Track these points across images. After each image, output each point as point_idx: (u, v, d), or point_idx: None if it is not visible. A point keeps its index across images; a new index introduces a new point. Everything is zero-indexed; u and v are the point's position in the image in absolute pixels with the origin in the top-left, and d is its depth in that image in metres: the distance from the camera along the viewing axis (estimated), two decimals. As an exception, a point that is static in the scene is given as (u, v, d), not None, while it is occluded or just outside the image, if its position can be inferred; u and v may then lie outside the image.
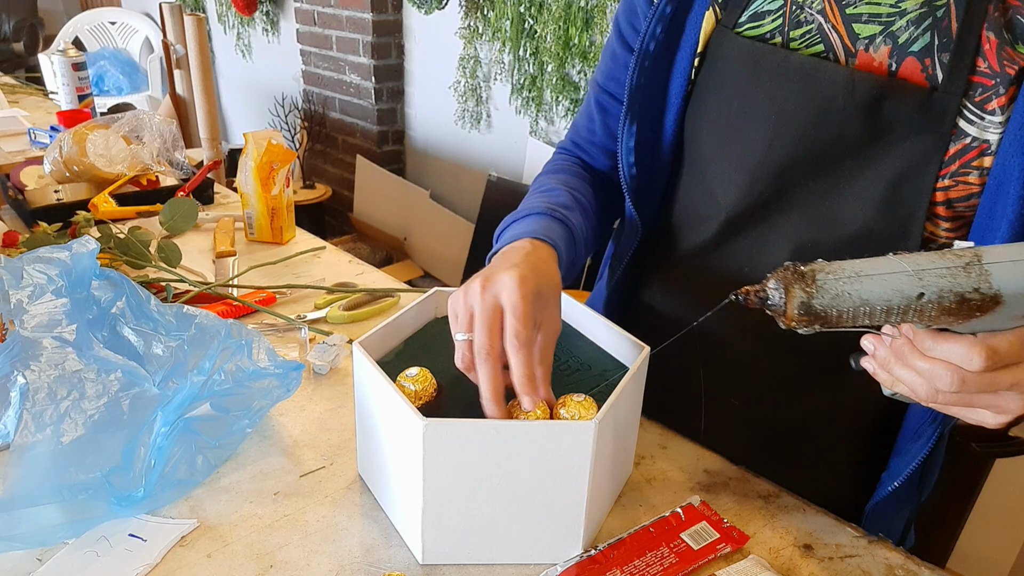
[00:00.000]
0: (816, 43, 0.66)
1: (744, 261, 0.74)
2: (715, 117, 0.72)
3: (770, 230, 0.72)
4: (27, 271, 0.71)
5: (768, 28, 0.69)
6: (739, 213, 0.73)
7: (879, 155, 0.64)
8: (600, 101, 0.85)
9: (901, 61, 0.63)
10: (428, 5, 2.69)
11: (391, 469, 0.64)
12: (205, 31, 2.06)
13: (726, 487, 0.73)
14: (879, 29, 0.64)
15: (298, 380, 0.75)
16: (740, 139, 0.70)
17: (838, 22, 0.65)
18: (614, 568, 0.61)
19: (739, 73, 0.69)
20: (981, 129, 0.60)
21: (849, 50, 0.65)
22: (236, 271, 1.13)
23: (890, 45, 0.63)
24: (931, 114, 0.61)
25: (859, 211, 0.66)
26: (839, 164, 0.66)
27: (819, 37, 0.66)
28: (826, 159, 0.66)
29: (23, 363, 0.66)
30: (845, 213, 0.67)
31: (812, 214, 0.68)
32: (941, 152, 0.62)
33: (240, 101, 4.10)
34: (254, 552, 0.63)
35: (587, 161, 0.90)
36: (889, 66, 0.63)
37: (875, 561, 0.65)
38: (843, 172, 0.66)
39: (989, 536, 1.58)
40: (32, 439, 0.62)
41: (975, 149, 0.61)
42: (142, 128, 1.42)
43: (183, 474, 0.68)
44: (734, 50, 0.69)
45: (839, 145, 0.65)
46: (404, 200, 2.98)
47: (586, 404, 0.61)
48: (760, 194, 0.70)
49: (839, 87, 0.63)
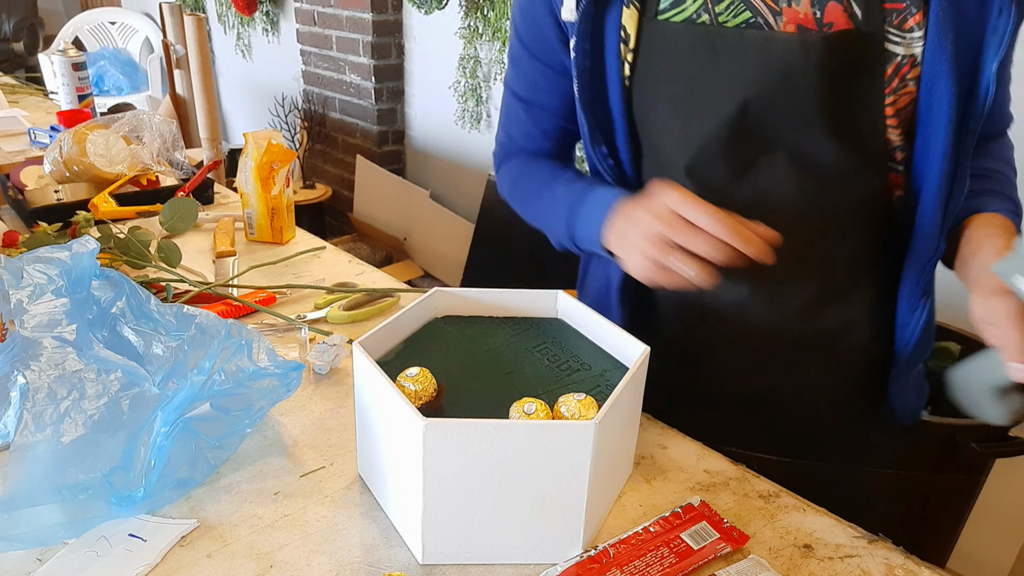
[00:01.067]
0: (742, 11, 0.70)
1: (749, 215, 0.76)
2: (675, 103, 0.75)
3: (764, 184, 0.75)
4: (27, 271, 0.71)
5: (692, 9, 0.71)
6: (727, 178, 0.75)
7: (837, 95, 0.70)
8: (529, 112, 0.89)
9: (824, 7, 0.68)
10: (428, 5, 2.69)
11: (391, 469, 0.64)
12: (205, 31, 2.06)
13: (726, 487, 0.73)
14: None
15: (298, 380, 0.75)
16: (707, 116, 0.73)
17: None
18: (614, 568, 0.61)
19: (688, 57, 0.72)
20: (907, 46, 0.68)
21: (774, 9, 0.69)
22: (236, 271, 1.13)
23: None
24: (865, 49, 0.69)
25: (835, 143, 0.72)
26: (807, 113, 0.71)
27: (743, 5, 0.70)
28: (797, 114, 0.71)
29: (23, 363, 0.66)
30: (824, 149, 0.73)
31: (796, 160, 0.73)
32: (880, 75, 0.69)
33: (240, 101, 4.10)
34: (254, 552, 0.63)
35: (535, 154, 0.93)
36: (814, 14, 0.68)
37: (875, 561, 0.65)
38: (811, 119, 0.71)
39: (989, 536, 1.58)
40: (32, 439, 0.62)
41: (906, 64, 0.69)
42: (142, 128, 1.42)
43: (183, 474, 0.68)
44: (677, 37, 0.72)
45: (805, 98, 0.70)
46: (404, 200, 2.98)
47: (586, 404, 0.61)
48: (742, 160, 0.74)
49: (794, 54, 0.68)
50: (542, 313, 0.80)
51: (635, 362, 0.66)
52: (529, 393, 0.65)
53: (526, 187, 0.89)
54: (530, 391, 0.67)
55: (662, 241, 0.66)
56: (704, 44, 0.71)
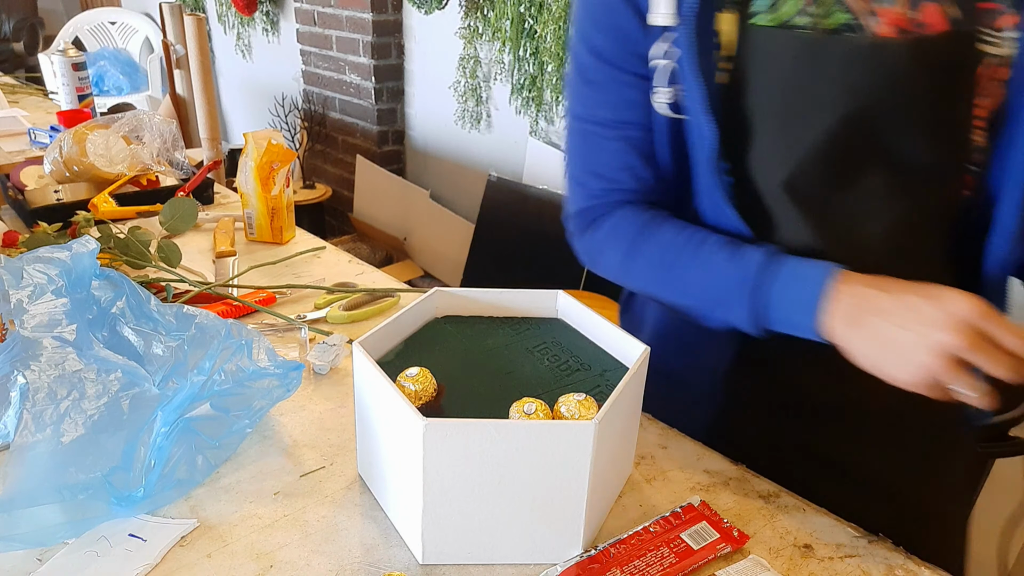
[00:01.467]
0: (838, 12, 0.68)
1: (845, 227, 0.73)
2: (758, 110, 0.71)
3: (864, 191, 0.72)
4: (27, 271, 0.71)
5: (789, 12, 0.68)
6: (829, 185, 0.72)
7: (936, 97, 0.69)
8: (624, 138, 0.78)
9: (918, 7, 0.67)
10: (428, 5, 2.69)
11: (391, 469, 0.64)
12: (205, 31, 2.06)
13: (726, 487, 0.73)
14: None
15: (298, 380, 0.75)
16: (801, 126, 0.70)
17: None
18: (614, 568, 0.61)
19: (786, 65, 0.69)
20: (999, 47, 0.68)
21: (869, 10, 0.67)
22: (236, 271, 1.13)
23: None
24: (960, 49, 0.68)
25: (929, 145, 0.71)
26: (908, 116, 0.70)
27: (839, 6, 0.68)
28: (898, 116, 0.70)
29: (23, 363, 0.66)
30: (918, 151, 0.71)
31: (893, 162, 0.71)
32: (972, 75, 0.69)
33: (240, 101, 4.10)
34: (254, 552, 0.63)
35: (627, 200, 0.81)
36: (909, 15, 0.67)
37: (875, 561, 0.65)
38: (911, 120, 0.70)
39: (989, 536, 1.58)
40: (32, 439, 0.62)
41: (997, 64, 0.68)
42: (142, 128, 1.42)
43: (183, 474, 0.68)
44: (774, 43, 0.69)
45: (907, 102, 0.69)
46: (404, 200, 2.99)
47: (586, 404, 0.61)
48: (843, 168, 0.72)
49: (901, 58, 0.67)
50: (542, 313, 0.80)
51: (635, 362, 0.66)
52: (529, 393, 0.65)
53: (653, 255, 0.77)
54: (530, 391, 0.67)
55: (953, 360, 0.58)
56: (805, 51, 0.68)
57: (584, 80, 0.78)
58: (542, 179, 2.51)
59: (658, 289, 0.77)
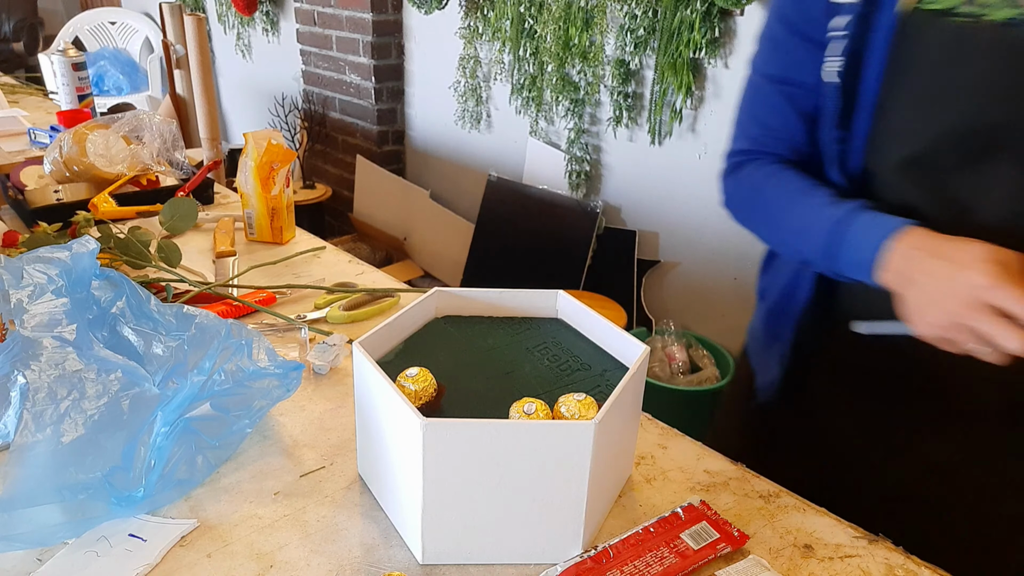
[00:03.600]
0: (1005, 5, 0.66)
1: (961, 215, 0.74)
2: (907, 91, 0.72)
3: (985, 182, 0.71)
4: (27, 271, 0.71)
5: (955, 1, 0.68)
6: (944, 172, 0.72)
7: None
8: (785, 92, 0.84)
9: None
10: (428, 5, 2.69)
11: (391, 469, 0.64)
12: (205, 31, 2.06)
13: (726, 487, 0.73)
14: None
15: (298, 380, 0.75)
16: (945, 107, 0.71)
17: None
18: (614, 568, 0.61)
19: (939, 54, 0.70)
20: None
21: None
22: (236, 271, 1.13)
23: None
24: None
25: None
26: None
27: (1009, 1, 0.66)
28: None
29: (23, 363, 0.66)
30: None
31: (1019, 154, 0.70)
32: None
33: (240, 101, 4.10)
34: (254, 552, 0.63)
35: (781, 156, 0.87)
36: None
37: (875, 561, 0.65)
38: None
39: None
40: (32, 439, 0.62)
41: None
42: (142, 128, 1.42)
43: (183, 474, 0.68)
44: (932, 31, 0.70)
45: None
46: (404, 200, 2.99)
47: (586, 404, 0.61)
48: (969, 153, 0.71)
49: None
50: (542, 313, 0.80)
51: (635, 362, 0.66)
52: (529, 393, 0.65)
53: (774, 193, 0.83)
54: (530, 391, 0.67)
55: (965, 328, 0.61)
56: (958, 41, 0.68)
57: (766, 37, 0.85)
58: (542, 179, 2.51)
59: (769, 224, 0.84)
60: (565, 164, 2.42)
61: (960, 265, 0.62)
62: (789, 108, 0.84)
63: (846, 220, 0.73)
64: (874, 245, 0.69)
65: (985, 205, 0.71)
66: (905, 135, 0.73)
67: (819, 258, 0.76)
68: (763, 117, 0.87)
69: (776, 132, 0.86)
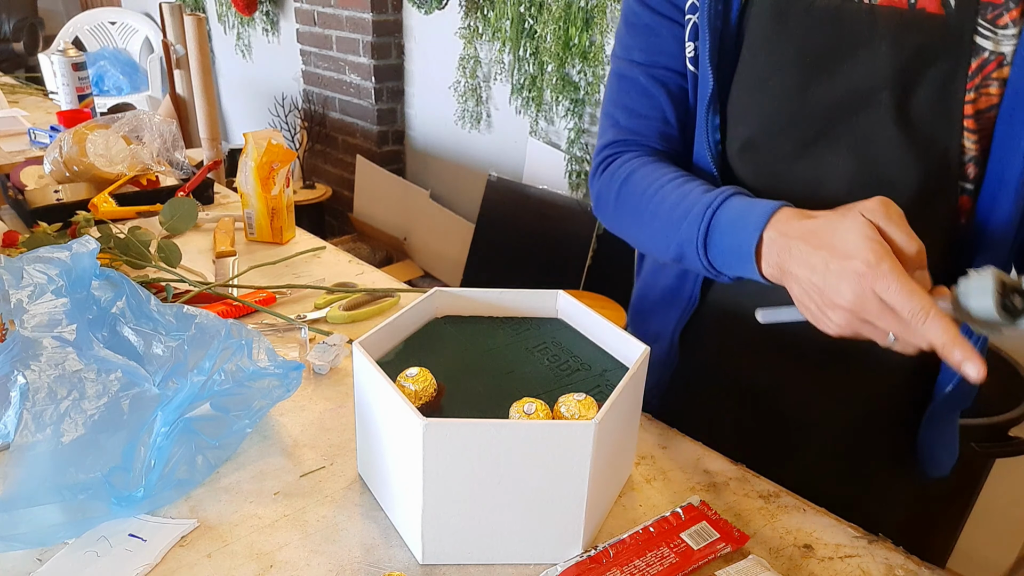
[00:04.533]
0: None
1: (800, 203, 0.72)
2: (740, 71, 0.73)
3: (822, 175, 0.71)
4: (27, 271, 0.71)
5: None
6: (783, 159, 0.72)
7: (910, 82, 0.67)
8: (652, 75, 0.80)
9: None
10: (428, 5, 2.69)
11: (391, 469, 0.64)
12: (205, 31, 2.06)
13: (726, 487, 0.73)
14: None
15: (298, 380, 0.75)
16: (768, 89, 0.71)
17: None
18: (614, 568, 0.61)
19: (764, 25, 0.70)
20: (996, 43, 0.65)
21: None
22: (236, 271, 1.13)
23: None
24: (950, 37, 0.65)
25: (903, 136, 0.68)
26: (876, 96, 0.68)
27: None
28: (863, 95, 0.68)
29: (23, 363, 0.66)
30: (889, 140, 0.69)
31: (859, 147, 0.70)
32: (964, 69, 0.66)
33: (240, 101, 4.10)
34: (254, 552, 0.63)
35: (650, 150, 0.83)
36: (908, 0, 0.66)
37: (875, 561, 0.65)
38: (881, 103, 0.68)
39: (989, 536, 1.58)
40: (32, 439, 0.62)
41: (993, 62, 0.65)
42: (142, 128, 1.42)
43: (183, 474, 0.68)
44: (759, 5, 0.70)
45: (871, 79, 0.67)
46: (404, 200, 2.99)
47: (586, 404, 0.61)
48: (803, 137, 0.71)
49: (863, 24, 0.66)
50: (542, 313, 0.80)
51: (635, 362, 0.66)
52: (529, 393, 0.65)
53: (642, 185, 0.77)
54: (530, 391, 0.67)
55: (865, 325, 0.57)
56: (773, 11, 0.69)
57: (626, 23, 0.82)
58: (542, 179, 2.51)
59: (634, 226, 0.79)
60: (565, 164, 2.42)
61: (839, 255, 0.57)
62: (658, 91, 0.80)
63: (715, 207, 0.67)
64: (747, 233, 0.64)
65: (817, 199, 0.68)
66: (739, 120, 0.73)
67: (692, 253, 0.69)
68: (631, 104, 0.82)
69: (645, 118, 0.81)
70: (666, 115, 0.80)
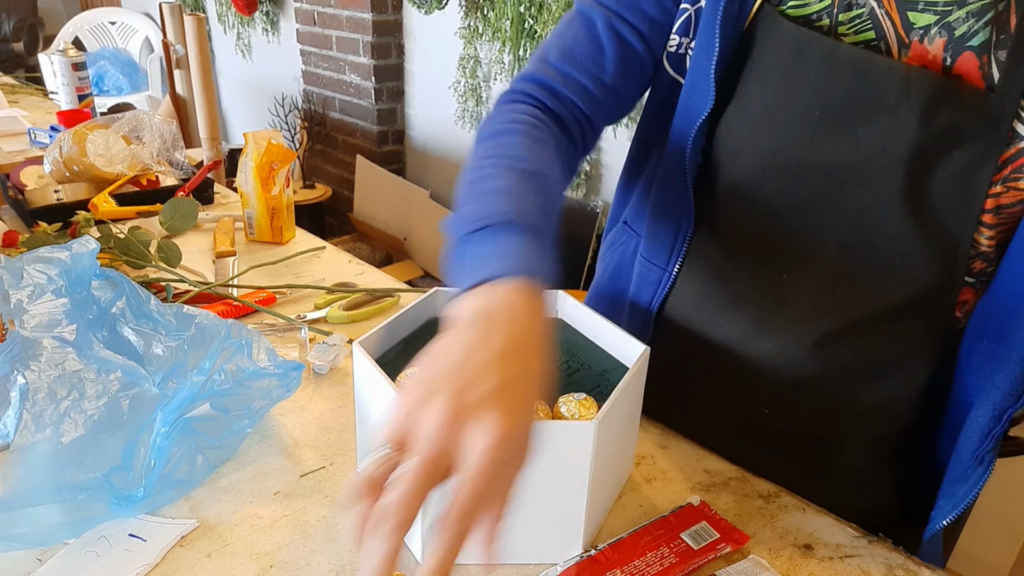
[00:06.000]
0: (867, 29, 0.61)
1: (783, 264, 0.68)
2: (743, 105, 0.66)
3: (809, 235, 0.66)
4: (27, 271, 0.71)
5: (816, 8, 0.62)
6: (772, 215, 0.67)
7: (931, 160, 0.59)
8: (617, 28, 0.69)
9: (957, 56, 0.58)
10: (428, 5, 2.69)
11: (391, 469, 0.64)
12: (205, 31, 2.06)
13: (726, 487, 0.73)
14: (935, 19, 0.58)
15: (298, 380, 0.75)
16: (772, 133, 0.64)
17: (892, 8, 0.60)
18: (614, 568, 0.61)
19: (780, 60, 0.63)
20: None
21: (903, 40, 0.60)
22: (236, 271, 1.13)
23: (945, 37, 0.58)
24: (988, 117, 0.57)
25: (911, 219, 0.61)
26: (887, 169, 0.60)
27: (870, 23, 0.60)
28: (873, 164, 0.61)
29: (23, 363, 0.66)
30: (891, 222, 0.62)
31: (855, 220, 0.63)
32: (996, 157, 0.58)
33: (240, 101, 4.10)
34: (254, 552, 0.63)
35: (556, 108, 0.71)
36: (944, 60, 0.58)
37: (875, 561, 0.65)
38: (890, 178, 0.60)
39: (989, 536, 1.58)
40: (32, 439, 0.62)
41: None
42: (142, 128, 1.42)
43: (183, 474, 0.68)
44: (778, 34, 0.63)
45: (888, 149, 0.60)
46: (404, 200, 2.99)
47: (586, 404, 0.61)
48: (797, 196, 0.65)
49: (892, 84, 0.58)
50: (542, 313, 0.80)
51: (635, 362, 0.66)
52: (529, 393, 0.65)
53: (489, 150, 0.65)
54: (530, 391, 0.67)
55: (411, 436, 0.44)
56: (792, 47, 0.61)
57: None
58: (542, 179, 2.51)
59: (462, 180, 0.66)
60: (565, 164, 2.42)
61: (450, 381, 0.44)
62: (610, 45, 0.69)
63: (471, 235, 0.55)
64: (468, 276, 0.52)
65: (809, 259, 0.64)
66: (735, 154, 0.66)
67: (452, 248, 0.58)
68: (572, 47, 0.71)
69: (578, 67, 0.70)
70: (603, 75, 0.70)
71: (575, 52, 0.71)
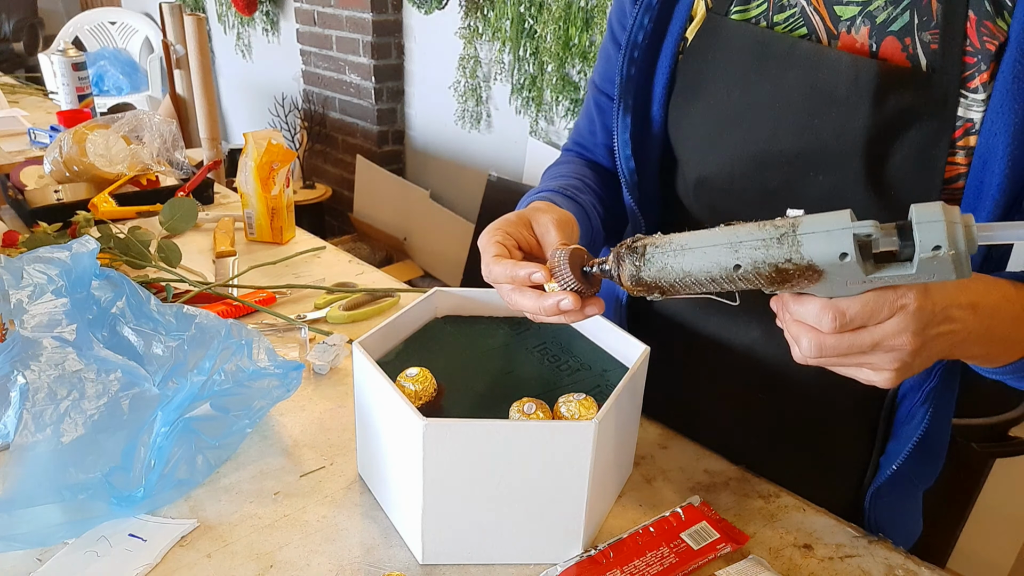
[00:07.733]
0: (799, 27, 0.65)
1: None
2: (711, 105, 0.70)
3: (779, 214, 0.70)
4: (27, 271, 0.71)
5: (754, 13, 0.68)
6: (744, 205, 0.70)
7: (887, 143, 0.62)
8: (598, 102, 0.85)
9: (880, 41, 0.61)
10: (428, 5, 2.69)
11: (391, 469, 0.64)
12: (205, 31, 2.06)
13: (726, 487, 0.73)
14: (858, 10, 0.62)
15: (298, 380, 0.75)
16: (740, 127, 0.68)
17: (820, 4, 0.64)
18: (614, 568, 0.61)
19: (742, 59, 0.67)
20: (965, 108, 0.59)
21: (832, 32, 0.64)
22: (236, 271, 1.13)
23: (869, 25, 0.62)
24: (934, 99, 0.60)
25: (873, 200, 0.64)
26: (847, 156, 0.64)
27: (802, 20, 0.65)
28: (832, 151, 0.64)
29: (23, 363, 0.66)
30: (857, 203, 0.63)
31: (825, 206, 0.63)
32: (948, 135, 0.60)
33: (240, 101, 4.10)
34: (254, 552, 0.63)
35: (592, 160, 0.90)
36: (870, 47, 0.62)
37: (875, 561, 0.65)
38: (851, 163, 0.63)
39: (989, 536, 1.58)
40: (32, 439, 0.62)
41: (960, 128, 0.60)
42: (142, 128, 1.42)
43: (183, 474, 0.68)
44: (738, 36, 0.68)
45: (844, 136, 0.63)
46: (404, 200, 2.98)
47: (586, 404, 0.61)
48: (765, 185, 0.68)
49: (842, 75, 0.62)
50: (542, 313, 0.80)
51: (635, 362, 0.66)
52: (529, 393, 0.65)
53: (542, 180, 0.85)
54: (530, 391, 0.67)
55: None
56: (755, 47, 0.66)
57: (600, 51, 0.86)
58: (542, 179, 2.51)
59: None
60: (565, 164, 2.42)
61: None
62: (598, 116, 0.85)
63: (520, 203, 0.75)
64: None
65: None
66: (704, 154, 0.71)
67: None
68: (581, 123, 0.90)
69: (590, 137, 0.88)
70: (606, 140, 0.85)
71: (582, 128, 0.90)
